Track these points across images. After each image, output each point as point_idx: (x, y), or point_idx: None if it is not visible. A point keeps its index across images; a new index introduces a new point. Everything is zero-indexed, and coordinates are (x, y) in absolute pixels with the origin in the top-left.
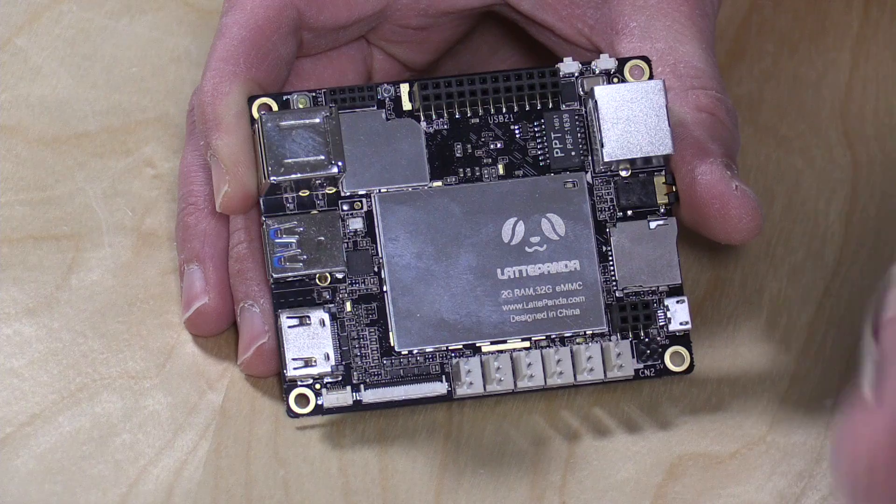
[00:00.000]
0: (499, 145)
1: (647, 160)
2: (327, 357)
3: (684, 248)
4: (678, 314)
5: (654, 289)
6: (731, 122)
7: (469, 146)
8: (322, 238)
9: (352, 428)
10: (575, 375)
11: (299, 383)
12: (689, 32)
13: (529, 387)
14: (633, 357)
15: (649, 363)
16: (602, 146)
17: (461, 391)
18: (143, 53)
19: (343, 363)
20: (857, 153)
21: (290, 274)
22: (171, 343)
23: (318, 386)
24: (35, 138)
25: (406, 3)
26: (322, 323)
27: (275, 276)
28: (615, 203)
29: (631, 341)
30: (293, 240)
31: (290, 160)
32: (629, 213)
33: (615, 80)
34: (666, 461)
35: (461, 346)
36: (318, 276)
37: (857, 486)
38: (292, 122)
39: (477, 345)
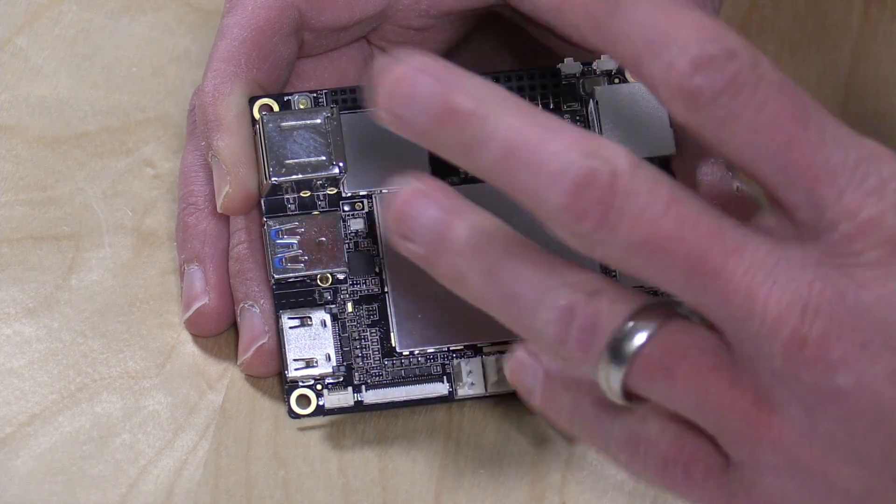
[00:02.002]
0: None
1: (648, 161)
2: (328, 358)
3: None
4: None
5: (656, 289)
6: None
7: None
8: (323, 239)
9: (352, 428)
10: None
11: (300, 384)
12: None
13: None
14: None
15: None
16: None
17: (462, 392)
18: (143, 53)
19: (344, 364)
20: None
21: (291, 275)
22: (171, 343)
23: (319, 387)
24: (35, 138)
25: (407, 3)
26: (323, 324)
27: (276, 276)
28: None
29: None
30: (294, 240)
31: (291, 161)
32: None
33: (616, 80)
34: None
35: (462, 347)
36: (319, 276)
37: None
38: (293, 122)
39: (478, 345)
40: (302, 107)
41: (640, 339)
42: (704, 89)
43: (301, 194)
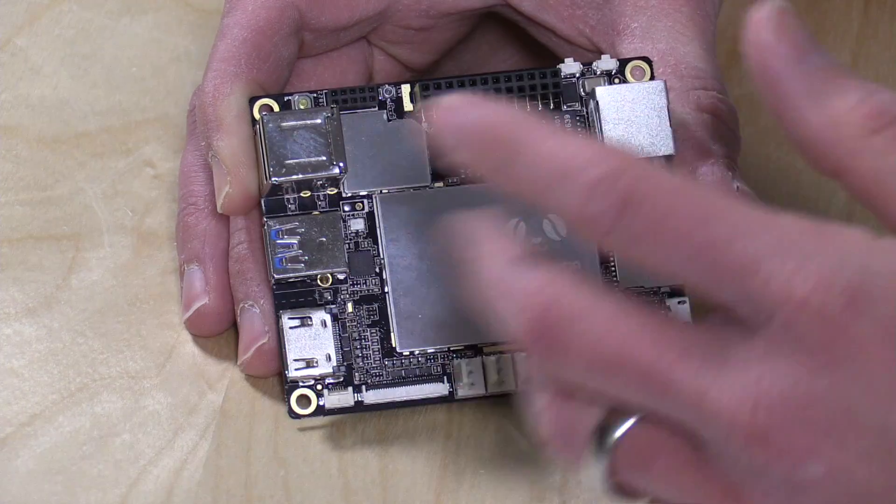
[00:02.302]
0: None
1: (647, 161)
2: (329, 358)
3: None
4: (679, 315)
5: (655, 289)
6: (732, 123)
7: None
8: (323, 239)
9: (352, 428)
10: None
11: (301, 384)
12: (690, 33)
13: None
14: None
15: None
16: None
17: (462, 392)
18: (143, 53)
19: (344, 364)
20: None
21: (291, 275)
22: (171, 343)
23: (319, 387)
24: (35, 138)
25: (407, 3)
26: (323, 324)
27: (276, 276)
28: None
29: None
30: (294, 241)
31: (291, 161)
32: None
33: (616, 80)
34: None
35: (462, 347)
36: (319, 276)
37: None
38: (293, 122)
39: (478, 345)
40: (302, 107)
41: (620, 431)
42: (601, 215)
43: (301, 194)
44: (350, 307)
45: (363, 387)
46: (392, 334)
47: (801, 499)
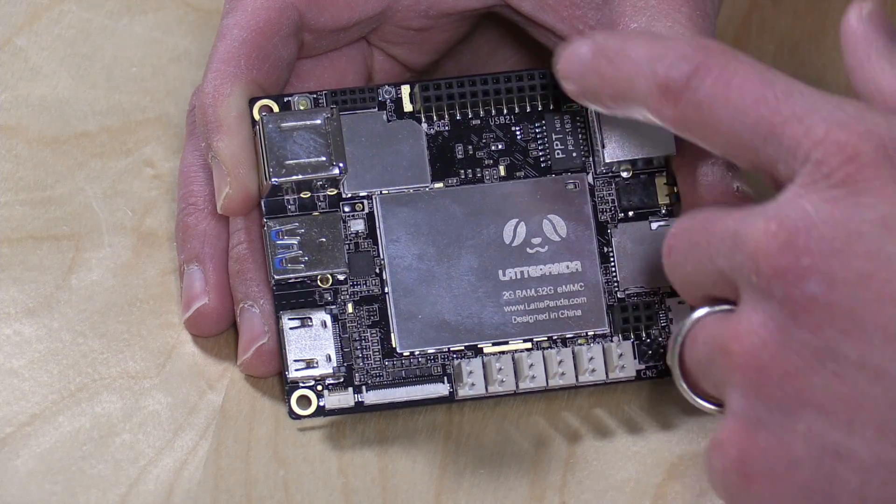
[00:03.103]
0: (500, 146)
1: (648, 161)
2: (329, 358)
3: None
4: (679, 315)
5: (655, 290)
6: None
7: (470, 147)
8: (323, 239)
9: (352, 428)
10: (577, 376)
11: (301, 385)
12: (689, 34)
13: (531, 388)
14: (635, 358)
15: (651, 364)
16: (603, 147)
17: (463, 392)
18: (143, 53)
19: (345, 364)
20: None
21: (291, 275)
22: (171, 343)
23: (319, 387)
24: (35, 138)
25: (407, 4)
26: (324, 324)
27: (276, 277)
28: (616, 204)
29: (632, 342)
30: (294, 241)
31: (291, 161)
32: (630, 213)
33: None
34: (666, 461)
35: (463, 348)
36: (319, 277)
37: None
38: (293, 123)
39: (478, 346)
40: (302, 107)
41: (687, 325)
42: (676, 77)
43: (301, 195)
44: (350, 308)
45: (363, 387)
46: (392, 335)
47: (801, 317)
